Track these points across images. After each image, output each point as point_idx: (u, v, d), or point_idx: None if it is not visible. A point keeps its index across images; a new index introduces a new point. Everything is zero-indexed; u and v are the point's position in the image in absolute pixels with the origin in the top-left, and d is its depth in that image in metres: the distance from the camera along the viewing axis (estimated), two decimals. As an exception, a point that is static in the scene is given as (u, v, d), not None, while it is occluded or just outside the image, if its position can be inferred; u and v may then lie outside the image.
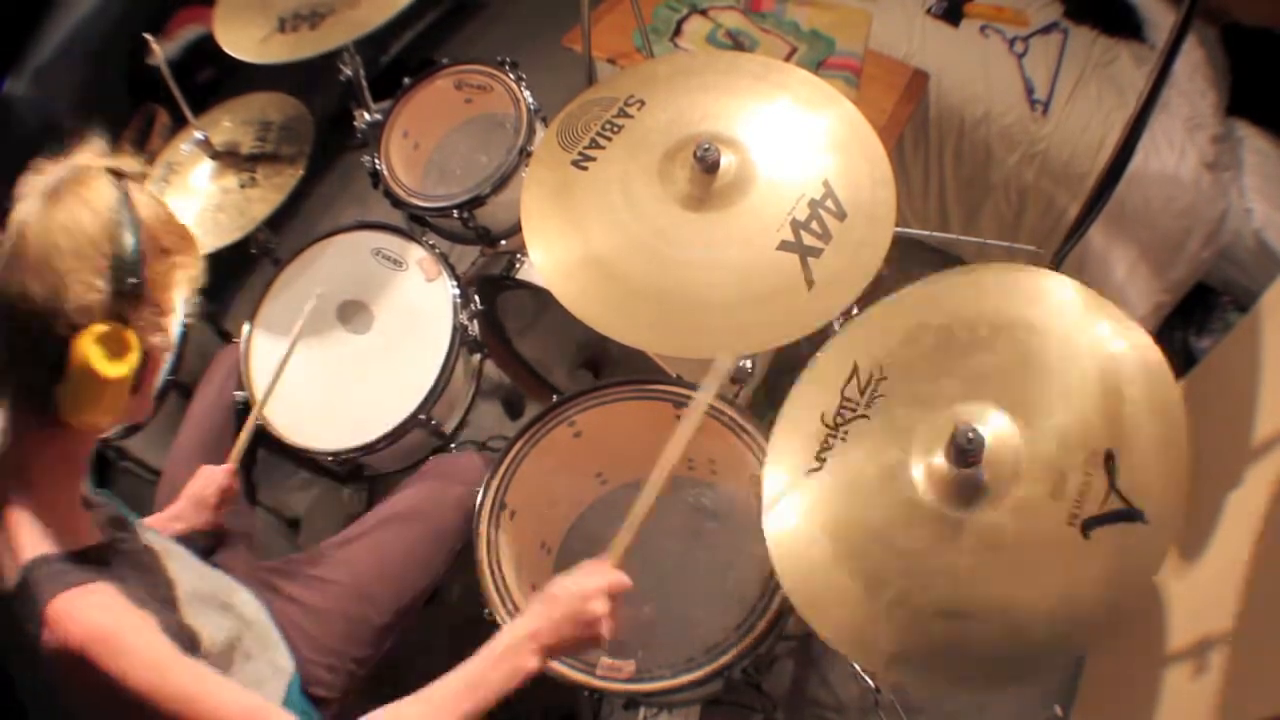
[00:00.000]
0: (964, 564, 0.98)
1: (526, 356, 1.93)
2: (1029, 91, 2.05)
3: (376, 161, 1.85)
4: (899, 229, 1.22)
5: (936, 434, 1.05)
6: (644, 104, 1.37)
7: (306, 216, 2.66)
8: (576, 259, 1.25)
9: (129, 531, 1.03)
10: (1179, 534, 0.94)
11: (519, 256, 1.67)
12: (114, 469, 1.76)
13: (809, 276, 1.18)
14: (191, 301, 0.98)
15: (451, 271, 1.66)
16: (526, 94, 1.83)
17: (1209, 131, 1.96)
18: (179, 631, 0.95)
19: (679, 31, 2.19)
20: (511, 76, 1.86)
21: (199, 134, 1.72)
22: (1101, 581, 0.92)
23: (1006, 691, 0.89)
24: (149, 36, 1.64)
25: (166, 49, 1.99)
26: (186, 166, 1.78)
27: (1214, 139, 1.96)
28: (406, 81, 1.92)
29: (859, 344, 1.16)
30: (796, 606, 1.02)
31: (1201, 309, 2.08)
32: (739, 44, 2.14)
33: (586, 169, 1.32)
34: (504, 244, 1.88)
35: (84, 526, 0.95)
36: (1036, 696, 1.73)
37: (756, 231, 1.22)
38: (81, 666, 0.82)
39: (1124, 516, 0.92)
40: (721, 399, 1.39)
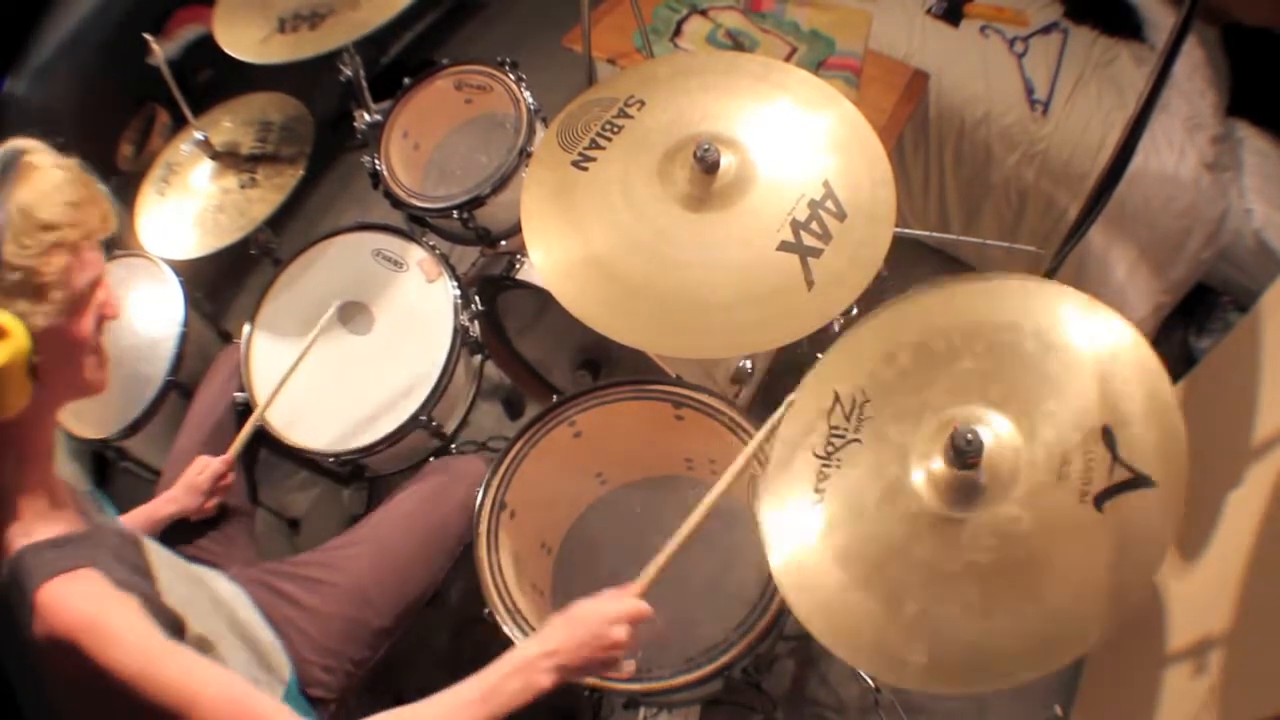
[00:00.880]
0: (986, 561, 0.97)
1: (527, 357, 1.93)
2: (1029, 91, 2.05)
3: (376, 162, 1.85)
4: (899, 229, 1.22)
5: (931, 442, 1.05)
6: (644, 104, 1.37)
7: (306, 217, 2.66)
8: (576, 259, 1.25)
9: (109, 521, 1.03)
10: (1185, 495, 0.94)
11: (519, 257, 1.67)
12: (114, 469, 1.76)
13: (809, 277, 1.18)
14: (100, 259, 0.92)
15: (452, 272, 1.66)
16: (526, 94, 1.83)
17: (1209, 132, 1.96)
18: (163, 614, 0.95)
19: (679, 32, 2.19)
20: (511, 76, 1.86)
21: (199, 134, 1.72)
22: (1120, 550, 0.93)
23: (1028, 683, 0.90)
24: (149, 36, 1.64)
25: (166, 49, 2.00)
26: (186, 166, 1.78)
27: (1214, 139, 1.96)
28: (406, 82, 1.92)
29: (835, 373, 1.15)
30: (822, 640, 1.01)
31: (1201, 309, 2.08)
32: (739, 44, 2.14)
33: (586, 169, 1.32)
34: (504, 244, 1.88)
35: (66, 514, 0.95)
36: (1037, 696, 1.73)
37: (756, 232, 1.22)
38: (69, 653, 0.82)
39: (1133, 484, 0.93)
40: (721, 399, 1.39)
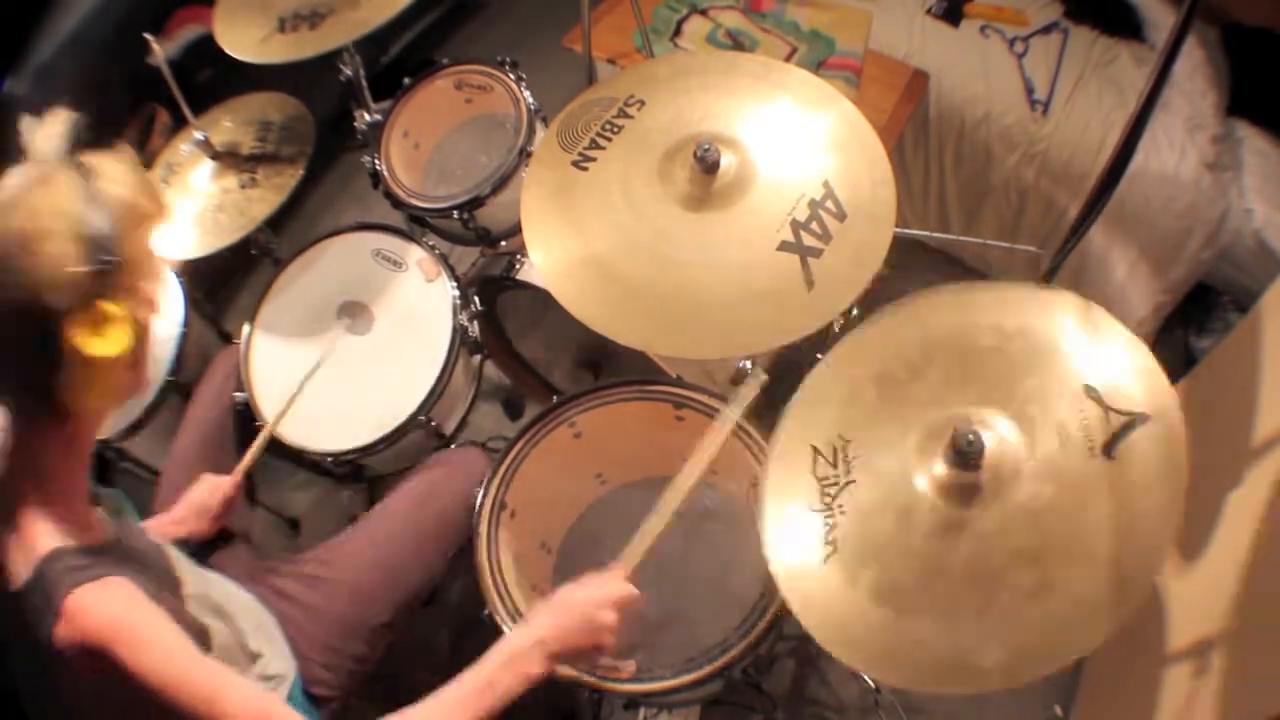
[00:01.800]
0: (1029, 543, 0.99)
1: (527, 357, 1.93)
2: (1029, 91, 2.05)
3: (376, 162, 1.85)
4: (899, 229, 1.22)
5: (928, 455, 1.05)
6: (644, 104, 1.37)
7: (306, 217, 2.66)
8: (576, 259, 1.25)
9: (135, 527, 1.03)
10: (1183, 424, 1.02)
11: (519, 257, 1.67)
12: (114, 469, 1.76)
13: (809, 277, 1.18)
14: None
15: (451, 272, 1.66)
16: (526, 94, 1.83)
17: (1209, 131, 1.96)
18: (191, 627, 0.96)
19: (679, 31, 2.19)
20: (511, 76, 1.86)
21: (199, 134, 1.72)
22: (1143, 488, 0.99)
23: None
24: (149, 36, 1.64)
25: (166, 49, 1.99)
26: (186, 166, 1.78)
27: (1214, 139, 1.96)
28: (406, 81, 1.92)
29: (805, 429, 1.14)
30: (901, 685, 1.01)
31: (1201, 309, 2.08)
32: (739, 44, 2.13)
33: (586, 169, 1.32)
34: (504, 244, 1.88)
35: (95, 521, 0.95)
36: (1036, 696, 1.73)
37: (756, 232, 1.22)
38: (99, 659, 0.82)
39: (1131, 425, 1.00)
40: (721, 399, 1.39)
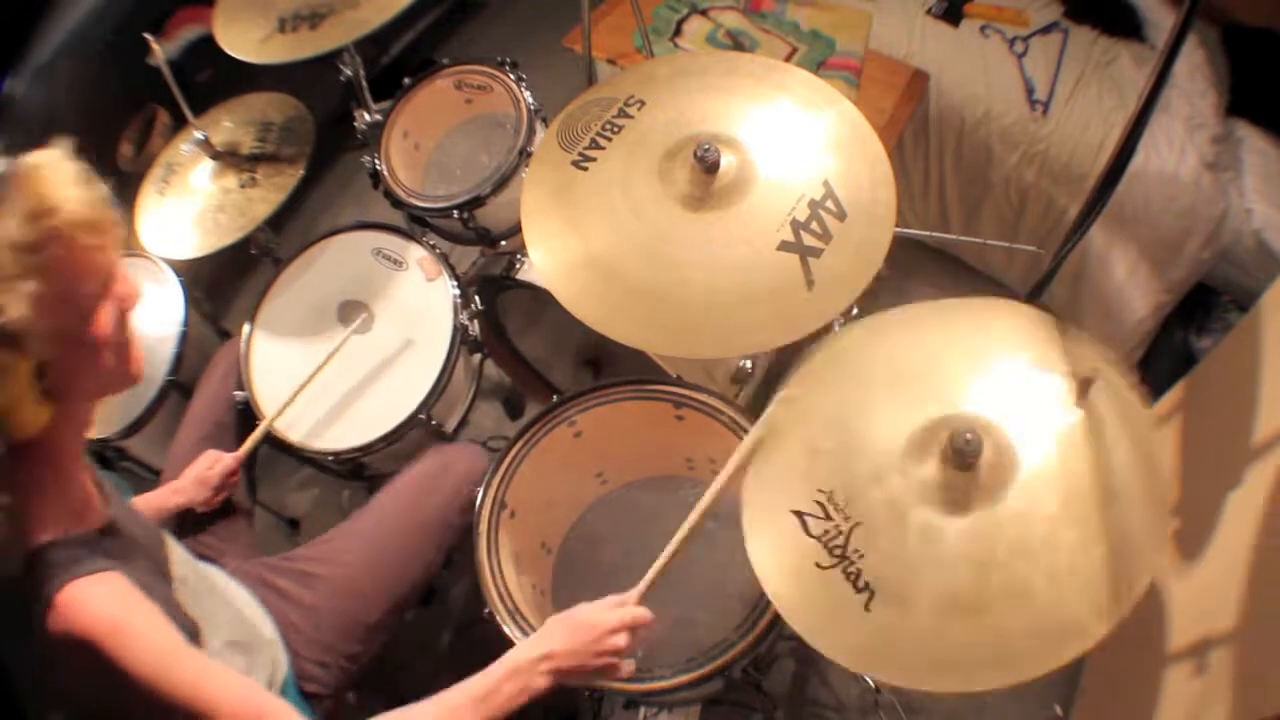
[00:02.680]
0: (1058, 510, 1.00)
1: (527, 356, 1.93)
2: (1029, 91, 2.05)
3: (376, 161, 1.85)
4: (899, 229, 1.22)
5: (926, 464, 1.05)
6: (644, 104, 1.37)
7: (307, 217, 2.67)
8: (576, 259, 1.25)
9: (131, 513, 1.03)
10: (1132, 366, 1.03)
11: (519, 256, 1.67)
12: (114, 468, 1.76)
13: (809, 277, 1.18)
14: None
15: (451, 271, 1.66)
16: (526, 94, 1.83)
17: (1209, 131, 1.96)
18: (181, 619, 0.96)
19: (679, 31, 2.19)
20: (511, 76, 1.86)
21: (199, 134, 1.72)
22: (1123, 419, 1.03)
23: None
24: (149, 36, 1.64)
25: (166, 49, 2.00)
26: (186, 166, 1.78)
27: (1214, 139, 1.96)
28: (406, 81, 1.92)
29: (779, 499, 1.10)
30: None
31: (1201, 309, 2.08)
32: (739, 44, 2.13)
33: (586, 169, 1.32)
34: (504, 244, 1.88)
35: (93, 506, 0.95)
36: (1036, 696, 1.73)
37: (756, 232, 1.22)
38: (88, 653, 0.83)
39: (1090, 380, 1.04)
40: (721, 399, 1.39)
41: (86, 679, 0.85)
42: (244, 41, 1.64)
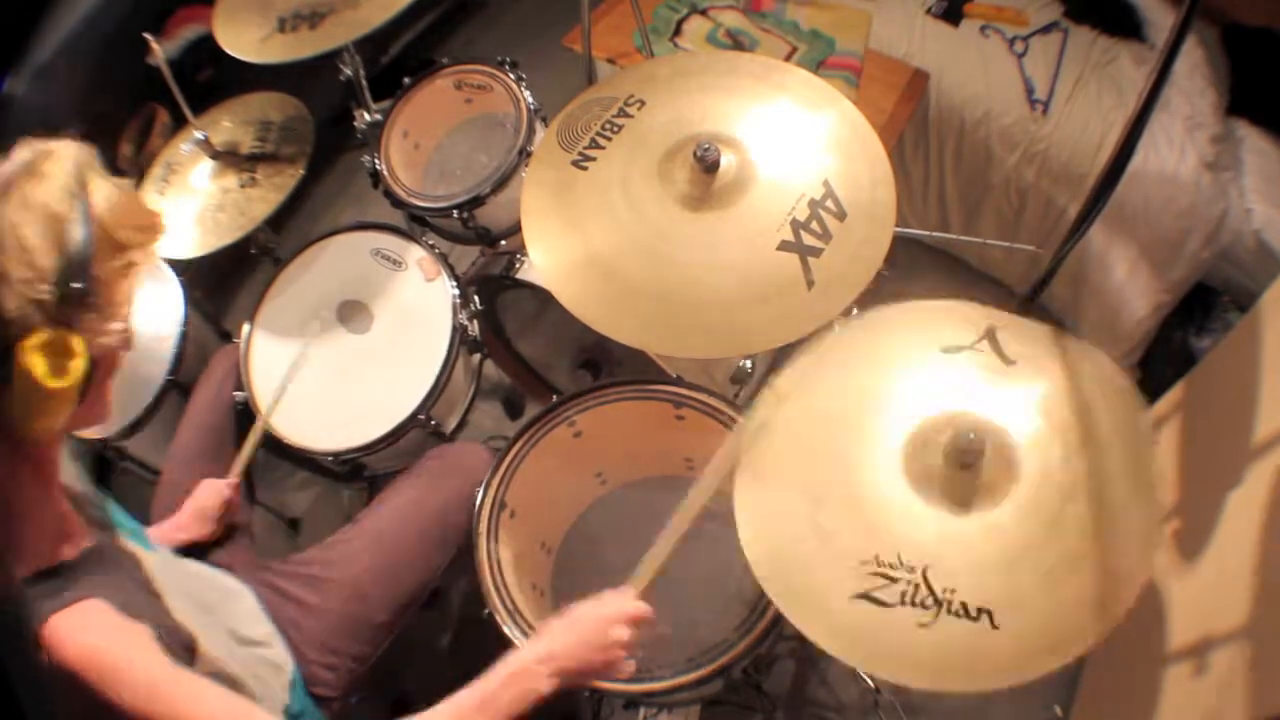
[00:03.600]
0: (1080, 483, 1.00)
1: (526, 356, 1.93)
2: (1029, 91, 2.05)
3: (376, 161, 1.85)
4: (899, 229, 1.22)
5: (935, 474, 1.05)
6: (644, 104, 1.37)
7: (307, 217, 2.67)
8: (576, 259, 1.25)
9: (117, 531, 1.03)
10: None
11: (519, 256, 1.67)
12: (114, 469, 1.76)
13: (809, 276, 1.18)
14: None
15: (451, 271, 1.66)
16: (526, 94, 1.83)
17: (1209, 131, 1.96)
18: (173, 634, 0.94)
19: (679, 31, 2.19)
20: (511, 76, 1.86)
21: (199, 134, 1.72)
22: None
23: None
24: (149, 36, 1.64)
25: (166, 49, 1.99)
26: (186, 166, 1.78)
27: (1214, 139, 1.96)
28: (406, 81, 1.92)
29: (830, 587, 1.02)
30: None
31: (1201, 309, 2.08)
32: (739, 44, 2.13)
33: (586, 169, 1.32)
34: (504, 244, 1.88)
35: (73, 531, 0.94)
36: (1037, 696, 1.73)
37: (756, 231, 1.22)
38: (77, 685, 0.82)
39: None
40: (721, 399, 1.39)
41: (83, 709, 0.84)
42: (244, 41, 1.64)
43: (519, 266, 1.66)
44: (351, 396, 1.58)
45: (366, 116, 1.93)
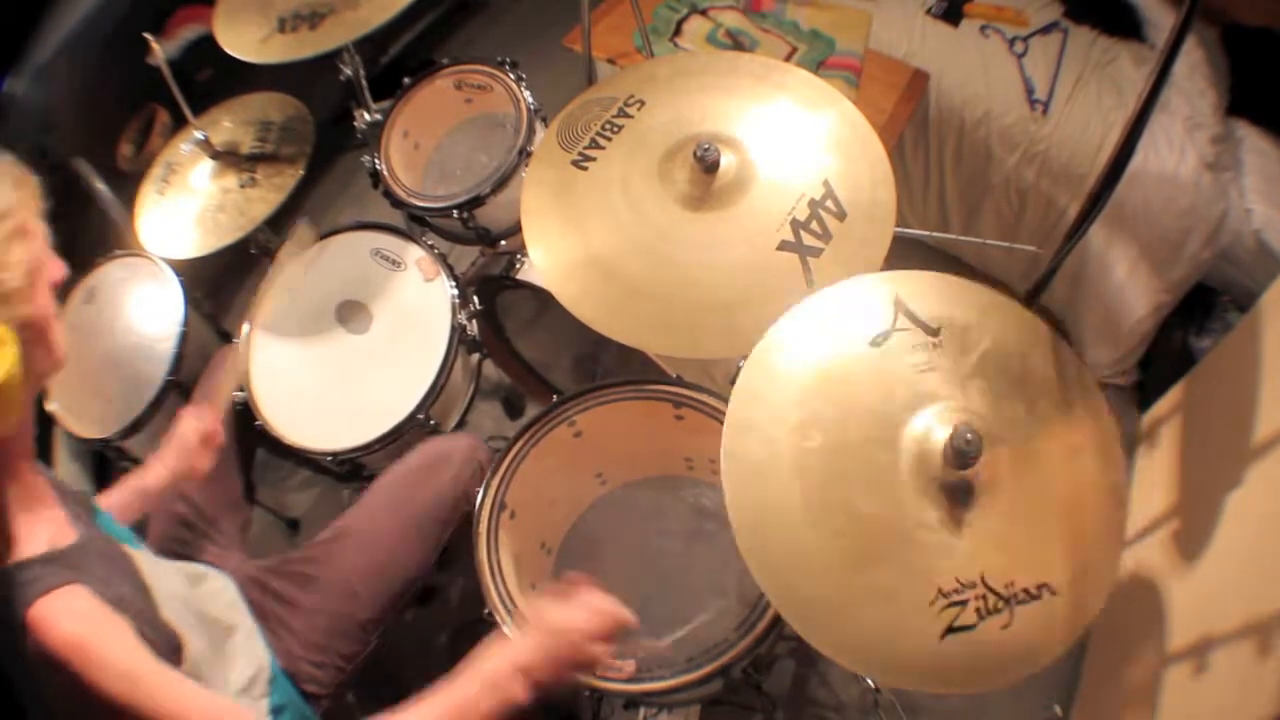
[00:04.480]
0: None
1: (526, 356, 1.93)
2: (1029, 91, 2.05)
3: (376, 161, 1.85)
4: (899, 229, 1.22)
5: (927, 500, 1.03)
6: (644, 104, 1.37)
7: (307, 216, 2.66)
8: (576, 259, 1.25)
9: (102, 528, 1.02)
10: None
11: (519, 256, 1.67)
12: (113, 469, 1.76)
13: (809, 277, 1.18)
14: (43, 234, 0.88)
15: (450, 271, 1.66)
16: (526, 94, 1.83)
17: (1209, 131, 1.96)
18: (158, 629, 0.94)
19: (679, 31, 2.19)
20: (511, 76, 1.86)
21: (199, 134, 1.72)
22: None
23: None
24: (149, 36, 1.63)
25: (166, 49, 1.99)
26: (186, 166, 1.78)
27: (1214, 139, 1.96)
28: (406, 81, 1.92)
29: (909, 633, 0.97)
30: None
31: (1201, 309, 2.08)
32: (739, 44, 2.13)
33: (586, 169, 1.32)
34: (504, 244, 1.88)
35: (59, 523, 0.94)
36: (1036, 696, 1.73)
37: (756, 231, 1.22)
38: (60, 671, 0.82)
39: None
40: (721, 399, 1.39)
41: (64, 695, 0.85)
42: (244, 41, 1.64)
43: (519, 266, 1.66)
44: (351, 396, 1.58)
45: (366, 116, 1.93)
